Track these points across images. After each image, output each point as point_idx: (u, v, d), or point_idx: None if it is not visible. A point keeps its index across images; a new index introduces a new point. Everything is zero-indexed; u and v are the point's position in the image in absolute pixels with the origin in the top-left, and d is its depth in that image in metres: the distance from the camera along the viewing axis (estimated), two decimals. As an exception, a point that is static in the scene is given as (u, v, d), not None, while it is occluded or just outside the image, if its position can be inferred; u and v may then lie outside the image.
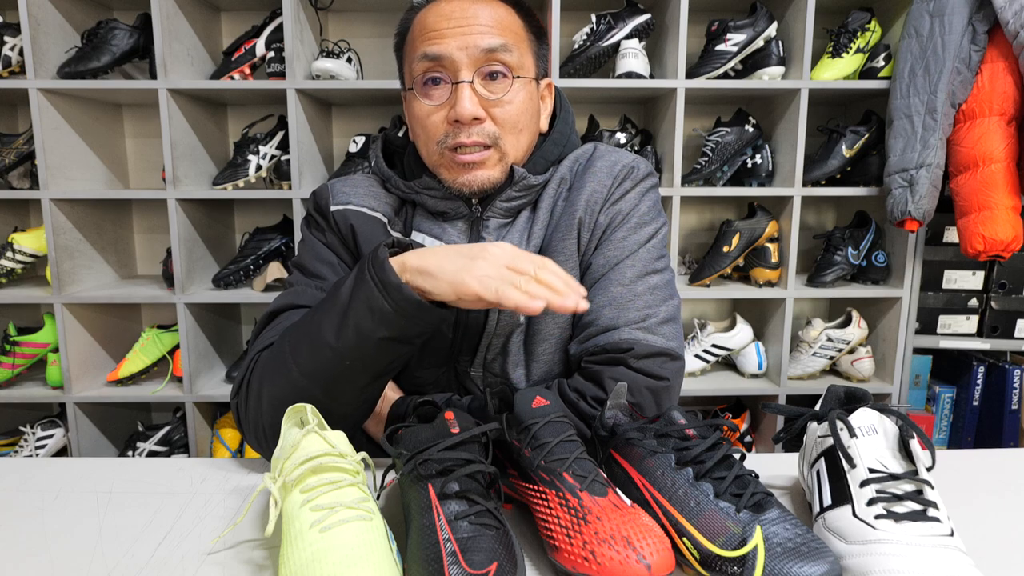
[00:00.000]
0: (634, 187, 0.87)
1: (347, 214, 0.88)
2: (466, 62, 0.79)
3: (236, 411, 0.80)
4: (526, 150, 0.87)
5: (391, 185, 0.90)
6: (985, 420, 1.93)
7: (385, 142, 0.96)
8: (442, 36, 0.79)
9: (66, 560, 0.59)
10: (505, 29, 0.81)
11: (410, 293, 0.67)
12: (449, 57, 0.79)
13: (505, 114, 0.82)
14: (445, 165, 0.84)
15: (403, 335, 0.70)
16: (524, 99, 0.83)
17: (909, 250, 1.82)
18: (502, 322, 0.85)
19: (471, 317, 0.85)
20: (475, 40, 0.79)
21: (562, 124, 0.92)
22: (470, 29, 0.79)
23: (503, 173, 0.84)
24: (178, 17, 1.73)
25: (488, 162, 0.82)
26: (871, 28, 1.79)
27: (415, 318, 0.68)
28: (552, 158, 0.90)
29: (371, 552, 0.51)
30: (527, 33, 0.86)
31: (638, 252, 0.84)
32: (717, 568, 0.53)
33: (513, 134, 0.83)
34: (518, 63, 0.82)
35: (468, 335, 0.86)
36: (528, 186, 0.86)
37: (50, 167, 1.71)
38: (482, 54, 0.79)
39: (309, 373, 0.72)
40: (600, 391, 0.78)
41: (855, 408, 0.62)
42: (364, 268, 0.70)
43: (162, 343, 1.88)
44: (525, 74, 0.84)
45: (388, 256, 0.69)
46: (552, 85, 0.92)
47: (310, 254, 0.89)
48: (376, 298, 0.68)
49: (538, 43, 0.88)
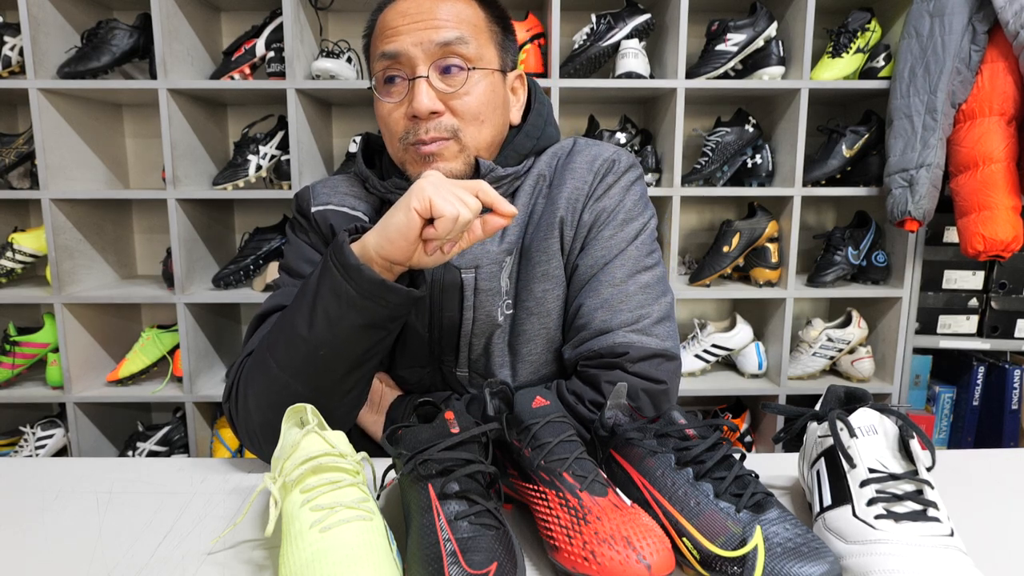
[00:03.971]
0: (616, 181, 0.86)
1: (327, 214, 0.88)
2: (421, 57, 0.79)
3: (229, 416, 0.80)
4: (490, 142, 0.85)
5: (369, 185, 0.90)
6: (985, 420, 1.93)
7: (367, 142, 0.96)
8: (398, 34, 0.80)
9: (66, 560, 0.59)
10: (462, 22, 0.81)
11: (371, 273, 0.67)
12: (405, 53, 0.79)
13: (464, 106, 0.81)
14: (409, 160, 0.84)
15: (373, 319, 0.70)
16: (484, 90, 0.82)
17: (909, 250, 1.82)
18: (478, 321, 0.84)
19: (446, 316, 0.85)
20: (429, 35, 0.79)
21: (535, 116, 0.90)
22: (425, 24, 0.79)
23: (466, 165, 0.83)
24: (178, 17, 1.73)
25: (447, 152, 0.82)
26: (871, 28, 1.79)
27: (380, 299, 0.68)
28: (525, 150, 0.88)
29: (371, 552, 0.51)
30: (489, 24, 0.85)
31: (627, 250, 0.83)
32: (717, 568, 0.53)
33: (474, 126, 0.82)
34: (476, 55, 0.81)
35: (445, 334, 0.86)
36: (497, 178, 0.84)
37: (50, 167, 1.71)
38: (437, 48, 0.79)
39: (287, 368, 0.72)
40: (598, 395, 0.78)
41: (855, 408, 0.62)
42: (327, 256, 0.70)
43: (162, 343, 1.88)
44: (485, 65, 0.83)
45: (349, 241, 0.70)
46: (524, 77, 0.91)
47: (295, 255, 0.89)
48: (340, 283, 0.68)
49: (503, 35, 0.87)
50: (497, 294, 0.84)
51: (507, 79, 0.88)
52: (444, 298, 0.84)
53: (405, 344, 0.87)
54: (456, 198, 0.66)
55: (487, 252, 0.84)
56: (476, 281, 0.83)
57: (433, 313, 0.85)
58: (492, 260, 0.84)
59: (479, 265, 0.83)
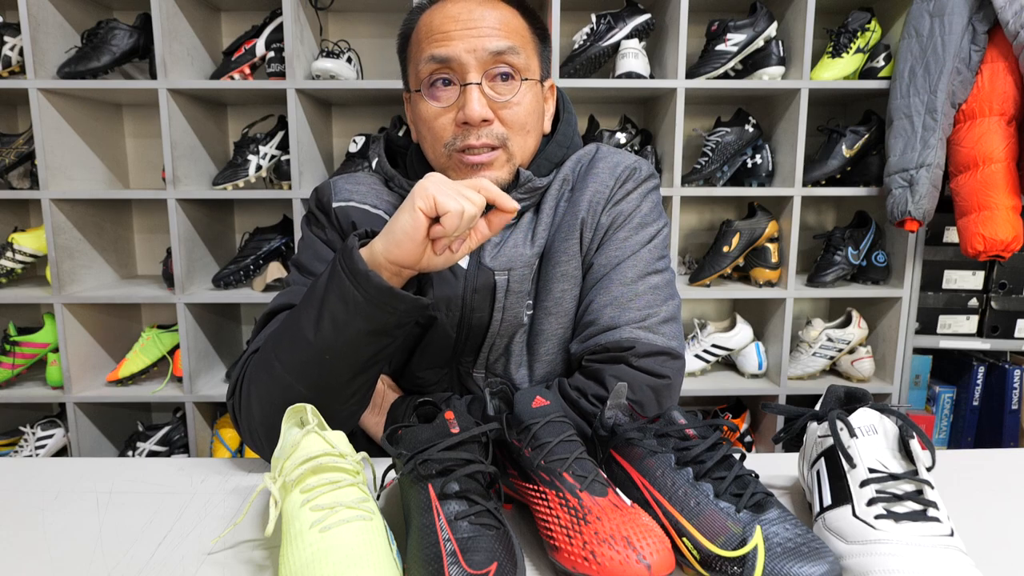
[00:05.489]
0: (636, 188, 0.87)
1: (349, 211, 0.88)
2: (474, 64, 0.79)
3: (232, 413, 0.80)
4: (532, 152, 0.87)
5: (394, 184, 0.90)
6: (985, 420, 1.93)
7: (388, 142, 0.96)
8: (449, 38, 0.80)
9: (66, 560, 0.59)
10: (512, 31, 0.82)
11: (379, 280, 0.67)
12: (457, 59, 0.79)
13: (513, 116, 0.82)
14: (453, 167, 0.84)
15: (380, 326, 0.69)
16: (531, 101, 0.84)
17: (909, 250, 1.82)
18: (506, 321, 0.85)
19: (475, 317, 0.85)
20: (483, 43, 0.79)
21: (566, 126, 0.92)
22: (478, 31, 0.80)
23: (510, 174, 0.85)
24: (178, 17, 1.73)
25: (496, 163, 0.83)
26: (871, 28, 1.79)
27: (388, 306, 0.68)
28: (556, 160, 0.90)
29: (371, 552, 0.51)
30: (532, 35, 0.86)
31: (639, 252, 0.84)
32: (717, 568, 0.53)
33: (521, 135, 0.84)
34: (525, 65, 0.83)
35: (472, 335, 0.86)
36: (533, 188, 0.86)
37: (50, 167, 1.71)
38: (490, 56, 0.80)
39: (292, 370, 0.72)
40: (601, 389, 0.78)
41: (855, 408, 0.62)
42: (336, 260, 0.70)
43: (162, 343, 1.88)
44: (531, 76, 0.84)
45: (358, 246, 0.70)
46: (554, 87, 0.93)
47: (308, 252, 0.89)
48: (348, 288, 0.68)
49: (542, 45, 0.88)
50: (524, 295, 0.85)
51: (543, 88, 0.89)
52: (476, 299, 0.84)
53: (430, 344, 0.87)
54: (459, 194, 0.66)
55: (520, 255, 0.85)
56: (508, 283, 0.84)
57: (464, 314, 0.85)
58: (525, 263, 0.85)
59: (512, 268, 0.84)
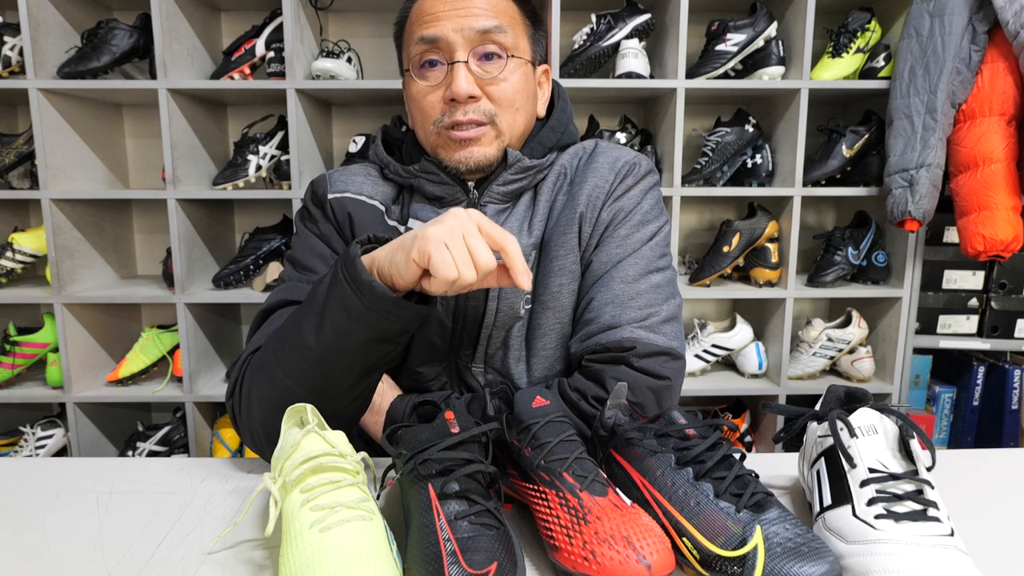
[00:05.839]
0: (636, 184, 0.87)
1: (344, 202, 0.89)
2: (461, 43, 0.81)
3: (232, 413, 0.80)
4: (522, 131, 0.88)
5: (389, 171, 0.91)
6: (985, 420, 1.93)
7: (385, 134, 0.97)
8: (438, 19, 0.81)
9: (66, 560, 0.59)
10: (500, 12, 0.83)
11: (381, 289, 0.66)
12: (445, 39, 0.81)
13: (501, 92, 0.83)
14: (442, 144, 0.85)
15: (382, 334, 0.69)
16: (519, 79, 0.85)
17: (909, 250, 1.82)
18: (501, 312, 0.85)
19: (470, 306, 0.85)
20: (470, 22, 0.81)
21: (560, 112, 0.93)
22: (465, 12, 0.81)
23: (499, 151, 0.85)
24: (178, 17, 1.73)
25: (484, 139, 0.84)
26: (871, 28, 1.79)
27: (390, 315, 0.68)
28: (550, 144, 0.90)
29: (371, 552, 0.50)
30: (521, 17, 0.88)
31: (640, 250, 0.84)
32: (717, 568, 0.53)
33: (509, 112, 0.84)
34: (513, 44, 0.84)
35: (468, 324, 0.86)
36: (524, 168, 0.86)
37: (50, 167, 1.71)
38: (477, 35, 0.81)
39: (292, 374, 0.72)
40: (601, 391, 0.78)
41: (855, 408, 0.62)
42: (337, 267, 0.70)
43: (162, 343, 1.88)
44: (520, 55, 0.85)
45: (360, 253, 0.69)
46: (549, 73, 0.94)
47: (303, 247, 0.89)
48: (349, 297, 0.67)
49: (534, 28, 0.90)
50: None
51: (536, 72, 0.90)
52: None
53: (425, 337, 0.87)
54: (464, 256, 0.63)
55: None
56: None
57: (459, 302, 0.85)
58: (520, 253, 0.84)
59: None
